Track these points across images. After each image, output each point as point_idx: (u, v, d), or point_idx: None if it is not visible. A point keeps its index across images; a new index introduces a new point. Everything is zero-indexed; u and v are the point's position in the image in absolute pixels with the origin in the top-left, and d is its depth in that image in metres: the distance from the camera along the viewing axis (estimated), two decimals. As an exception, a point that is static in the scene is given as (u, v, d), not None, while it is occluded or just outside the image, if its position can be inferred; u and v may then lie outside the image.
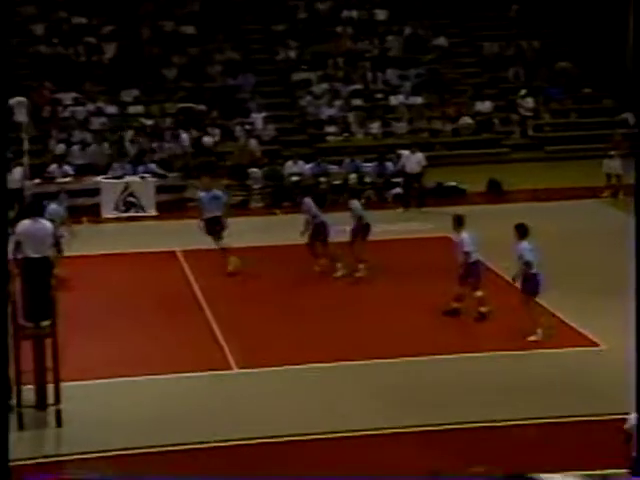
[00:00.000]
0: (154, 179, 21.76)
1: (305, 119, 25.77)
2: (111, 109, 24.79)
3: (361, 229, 16.45)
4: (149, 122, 24.55)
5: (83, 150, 23.43)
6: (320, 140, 25.17)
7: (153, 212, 21.24)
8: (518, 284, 13.31)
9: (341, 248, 16.33)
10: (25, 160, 20.36)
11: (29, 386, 11.07)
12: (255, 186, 22.58)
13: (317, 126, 25.53)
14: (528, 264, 13.11)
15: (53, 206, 16.15)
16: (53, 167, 21.68)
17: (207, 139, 24.04)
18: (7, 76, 7.13)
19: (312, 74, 26.64)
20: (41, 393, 11.10)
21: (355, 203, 16.82)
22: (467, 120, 25.63)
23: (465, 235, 14.02)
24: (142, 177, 21.78)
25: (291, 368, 12.57)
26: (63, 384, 11.00)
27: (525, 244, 13.26)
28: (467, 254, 13.88)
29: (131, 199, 21.40)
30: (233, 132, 24.68)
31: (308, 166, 23.02)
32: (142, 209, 21.35)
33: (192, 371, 12.54)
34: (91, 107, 24.67)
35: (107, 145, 23.50)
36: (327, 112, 25.57)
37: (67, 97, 24.85)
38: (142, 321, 14.49)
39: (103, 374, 12.34)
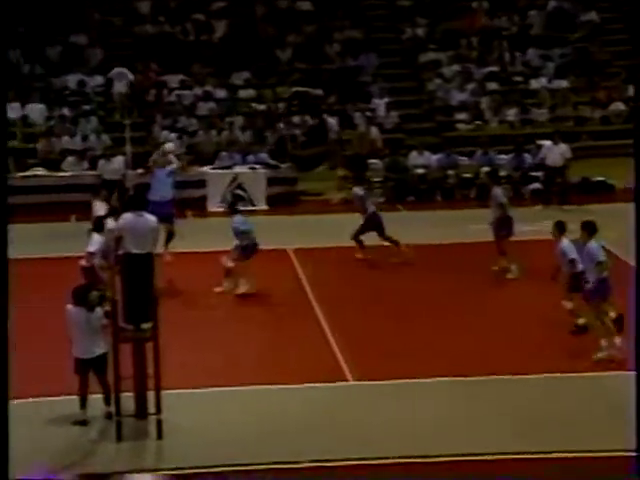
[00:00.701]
0: (265, 170, 21.98)
1: (433, 105, 25.57)
2: (220, 93, 25.17)
3: (505, 222, 16.21)
4: (261, 107, 24.82)
5: (189, 138, 23.91)
6: (449, 128, 24.93)
7: (263, 206, 21.45)
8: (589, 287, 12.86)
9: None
10: (127, 148, 20.86)
11: (128, 393, 11.27)
12: (376, 179, 22.54)
13: (446, 113, 25.29)
14: (600, 265, 12.73)
15: None
16: (156, 156, 22.09)
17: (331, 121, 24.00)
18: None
19: (442, 54, 26.41)
20: (141, 401, 11.29)
21: (498, 191, 16.54)
22: (619, 106, 24.96)
23: (566, 242, 13.58)
24: (252, 168, 22.02)
25: (412, 382, 12.49)
26: (164, 392, 11.18)
27: (594, 243, 12.94)
28: (572, 263, 13.38)
29: (240, 192, 21.66)
30: (352, 119, 24.69)
31: (435, 157, 22.86)
32: (251, 202, 21.58)
33: (303, 382, 12.57)
34: (199, 91, 25.11)
35: (215, 132, 23.88)
36: (458, 97, 25.29)
37: (173, 80, 25.36)
38: (250, 325, 14.62)
39: (207, 382, 12.49)
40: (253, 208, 21.30)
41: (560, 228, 13.77)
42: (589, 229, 13.08)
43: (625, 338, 12.45)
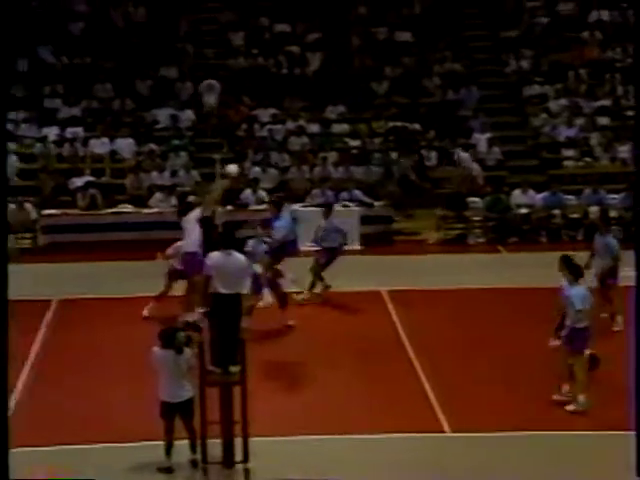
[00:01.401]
0: (359, 208, 22.09)
1: (538, 141, 25.42)
2: (313, 128, 25.45)
3: (614, 270, 16.02)
4: (355, 143, 25.00)
5: (281, 174, 24.22)
6: (555, 166, 24.74)
7: (357, 245, 21.53)
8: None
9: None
10: (217, 184, 21.16)
11: (215, 440, 11.40)
12: (475, 218, 22.47)
13: (552, 149, 25.12)
14: (578, 313, 12.79)
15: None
16: (247, 192, 22.48)
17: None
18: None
19: (548, 88, 26.29)
20: (228, 449, 11.41)
21: (613, 241, 16.31)
22: None
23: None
24: (345, 205, 22.15)
25: (511, 435, 12.39)
26: (252, 439, 11.28)
27: (577, 289, 12.98)
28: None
29: (332, 231, 21.73)
30: (452, 155, 24.70)
31: (540, 196, 22.69)
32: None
33: (397, 431, 12.56)
34: (291, 125, 25.42)
35: (307, 168, 24.13)
36: (565, 133, 25.11)
37: (265, 114, 25.75)
38: (341, 371, 14.67)
39: (296, 430, 12.56)
40: (346, 247, 21.38)
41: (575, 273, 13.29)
42: (575, 273, 13.14)
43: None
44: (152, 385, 11.84)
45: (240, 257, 11.83)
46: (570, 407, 13.08)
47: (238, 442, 11.32)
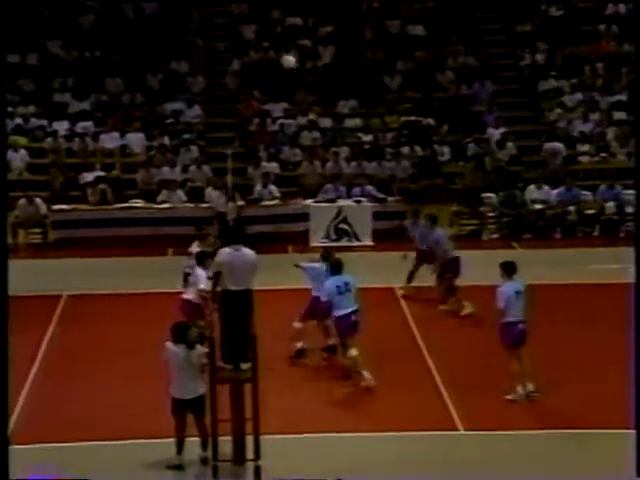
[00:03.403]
0: (371, 204, 22.06)
1: (553, 135, 25.34)
2: (325, 122, 25.41)
3: None
4: (368, 138, 24.97)
5: (292, 169, 24.21)
6: (571, 161, 24.65)
7: (369, 241, 21.51)
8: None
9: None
10: (228, 179, 21.22)
11: (226, 437, 11.40)
12: (490, 214, 22.42)
13: (568, 144, 25.02)
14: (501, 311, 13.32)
15: None
16: (258, 188, 22.47)
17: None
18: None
19: (564, 82, 26.20)
20: (239, 446, 11.42)
21: None
22: None
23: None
24: (357, 201, 22.13)
25: (524, 433, 12.37)
26: (263, 437, 11.27)
27: (506, 286, 13.46)
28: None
29: (344, 226, 21.77)
30: (465, 150, 24.65)
31: (555, 192, 22.62)
32: (356, 237, 21.67)
33: (410, 429, 12.56)
34: (303, 120, 25.40)
35: (319, 163, 24.11)
36: (580, 127, 25.02)
37: (277, 108, 25.73)
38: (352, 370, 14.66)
39: (307, 427, 12.57)
40: (358, 244, 21.40)
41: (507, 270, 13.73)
42: (507, 269, 13.72)
43: None
44: (163, 382, 11.85)
45: (249, 252, 11.80)
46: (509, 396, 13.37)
47: (249, 440, 11.32)
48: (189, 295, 14.23)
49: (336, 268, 14.13)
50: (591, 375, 14.20)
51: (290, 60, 18.09)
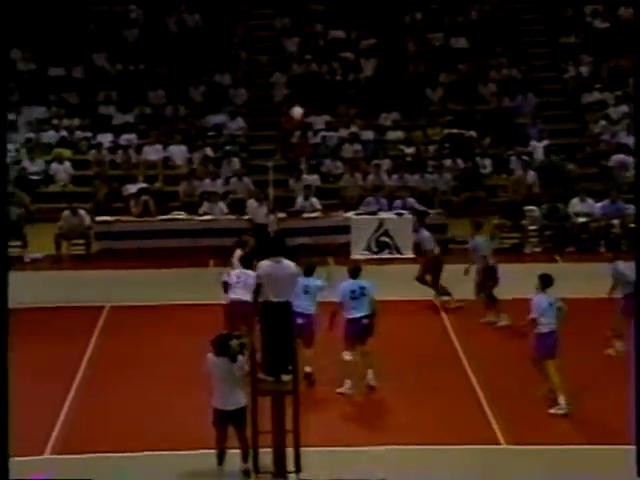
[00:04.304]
0: (412, 216, 22.02)
1: (597, 148, 25.17)
2: (367, 135, 25.44)
3: None
4: (409, 150, 24.95)
5: (334, 181, 24.24)
6: (615, 174, 24.45)
7: (410, 254, 21.46)
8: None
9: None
10: (270, 191, 21.29)
11: (267, 449, 11.41)
12: (532, 227, 22.29)
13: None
14: (535, 321, 13.63)
15: None
16: (300, 200, 22.51)
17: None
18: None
19: (608, 94, 26.03)
20: (280, 459, 11.41)
21: None
22: None
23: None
24: (399, 214, 22.11)
25: (567, 448, 12.28)
26: (304, 449, 11.27)
27: (540, 297, 13.79)
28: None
29: (385, 238, 21.75)
30: (508, 163, 24.55)
31: (599, 205, 22.44)
32: (397, 250, 21.64)
33: (452, 443, 12.51)
34: (344, 132, 25.44)
35: (360, 176, 24.12)
36: (625, 140, 24.83)
37: (319, 121, 25.79)
38: (395, 381, 14.61)
39: (347, 440, 12.55)
40: (399, 256, 21.36)
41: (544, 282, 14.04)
42: (543, 281, 14.03)
43: None
44: (204, 393, 11.90)
45: (290, 264, 11.82)
46: (552, 410, 13.44)
47: (290, 452, 11.33)
48: (245, 296, 14.09)
49: (353, 273, 14.59)
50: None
51: (298, 111, 18.74)
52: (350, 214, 22.21)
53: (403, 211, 22.16)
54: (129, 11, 27.98)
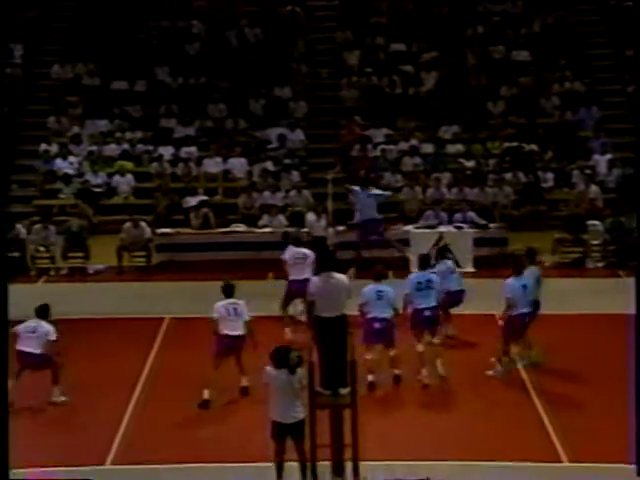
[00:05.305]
0: (473, 230, 21.94)
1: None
2: (427, 148, 25.41)
3: None
4: (470, 164, 24.87)
5: (393, 194, 24.22)
6: (679, 188, 24.13)
7: (470, 268, 21.37)
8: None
9: None
10: (329, 204, 21.35)
11: (325, 462, 11.43)
12: (594, 242, 22.08)
13: (676, 171, 24.52)
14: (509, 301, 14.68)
15: None
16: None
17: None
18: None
19: (673, 107, 25.71)
20: (338, 472, 11.41)
21: None
22: None
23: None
24: (459, 227, 22.03)
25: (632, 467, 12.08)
26: (362, 463, 11.27)
27: (511, 280, 14.89)
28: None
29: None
30: (570, 177, 24.36)
31: (664, 220, 22.16)
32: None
33: (512, 459, 12.41)
34: (404, 146, 25.44)
35: (420, 189, 24.09)
36: (690, 153, 24.51)
37: (378, 134, 25.82)
38: (455, 395, 14.64)
39: (407, 454, 12.51)
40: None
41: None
42: (515, 264, 15.34)
43: None
44: (262, 405, 11.95)
45: (341, 278, 11.84)
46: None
47: (348, 465, 11.33)
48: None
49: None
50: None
51: None
52: (409, 227, 22.19)
53: (463, 225, 22.08)
54: (191, 26, 28.28)
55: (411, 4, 28.41)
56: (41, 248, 21.55)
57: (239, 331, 14.34)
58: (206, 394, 14.13)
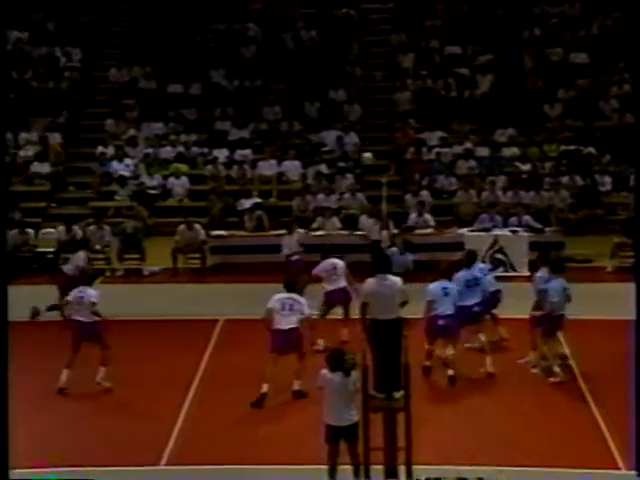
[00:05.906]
0: (528, 234, 21.78)
1: None
2: (482, 151, 25.28)
3: None
4: (525, 167, 24.69)
5: (448, 197, 24.13)
6: None
7: (525, 272, 21.19)
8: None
9: None
10: (383, 207, 21.31)
11: (378, 466, 11.41)
12: (653, 246, 21.79)
13: None
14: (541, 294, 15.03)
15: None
16: (413, 216, 22.46)
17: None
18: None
19: None
20: (391, 475, 11.38)
21: None
22: None
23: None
24: (514, 231, 21.88)
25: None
26: (416, 467, 11.23)
27: (542, 272, 15.36)
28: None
29: (500, 256, 21.54)
30: (628, 180, 24.09)
31: None
32: (512, 268, 21.40)
33: (570, 466, 12.30)
34: (459, 149, 25.33)
35: (475, 192, 23.96)
36: None
37: (433, 137, 25.73)
38: (510, 400, 14.53)
39: (461, 459, 12.44)
40: (514, 274, 21.12)
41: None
42: (542, 258, 15.97)
43: None
44: (316, 408, 11.95)
45: (396, 281, 11.78)
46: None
47: (402, 469, 11.29)
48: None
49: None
50: None
51: (368, 157, 19.48)
52: (464, 230, 22.08)
53: (518, 228, 21.92)
54: (247, 28, 28.41)
55: (466, 7, 28.29)
56: (97, 247, 21.70)
57: (291, 325, 14.30)
58: (265, 388, 14.15)
